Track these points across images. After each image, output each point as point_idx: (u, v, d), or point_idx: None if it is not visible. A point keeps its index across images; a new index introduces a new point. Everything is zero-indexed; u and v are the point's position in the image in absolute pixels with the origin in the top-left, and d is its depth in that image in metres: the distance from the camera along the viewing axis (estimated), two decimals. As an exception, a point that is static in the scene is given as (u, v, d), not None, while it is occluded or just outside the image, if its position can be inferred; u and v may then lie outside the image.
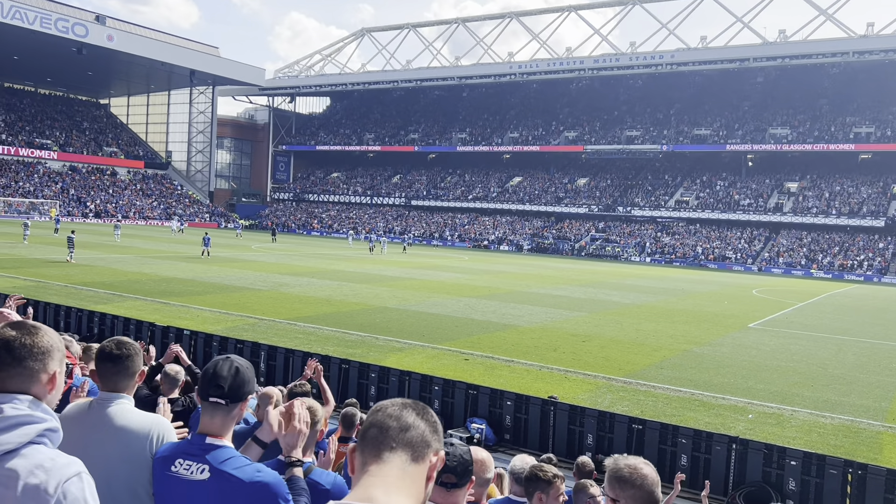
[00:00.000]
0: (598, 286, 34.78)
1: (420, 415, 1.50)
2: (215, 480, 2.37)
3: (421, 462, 1.44)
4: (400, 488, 1.38)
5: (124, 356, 2.83)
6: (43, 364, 1.90)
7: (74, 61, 74.87)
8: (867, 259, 57.65)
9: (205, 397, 2.49)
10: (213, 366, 2.52)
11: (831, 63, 69.85)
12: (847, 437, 11.49)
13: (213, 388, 2.47)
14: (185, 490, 2.40)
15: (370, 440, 1.45)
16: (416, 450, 1.44)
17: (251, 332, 16.51)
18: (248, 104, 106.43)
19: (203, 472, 2.38)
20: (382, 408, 1.51)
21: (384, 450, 1.42)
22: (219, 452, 2.43)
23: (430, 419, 1.51)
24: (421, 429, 1.47)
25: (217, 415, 2.48)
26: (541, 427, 10.59)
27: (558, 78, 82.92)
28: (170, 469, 2.44)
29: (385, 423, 1.46)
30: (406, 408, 1.50)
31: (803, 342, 20.72)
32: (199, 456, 2.42)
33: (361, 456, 1.45)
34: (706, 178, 73.96)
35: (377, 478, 1.39)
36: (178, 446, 2.52)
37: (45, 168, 78.15)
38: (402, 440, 1.44)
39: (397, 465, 1.41)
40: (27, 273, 25.52)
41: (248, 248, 48.19)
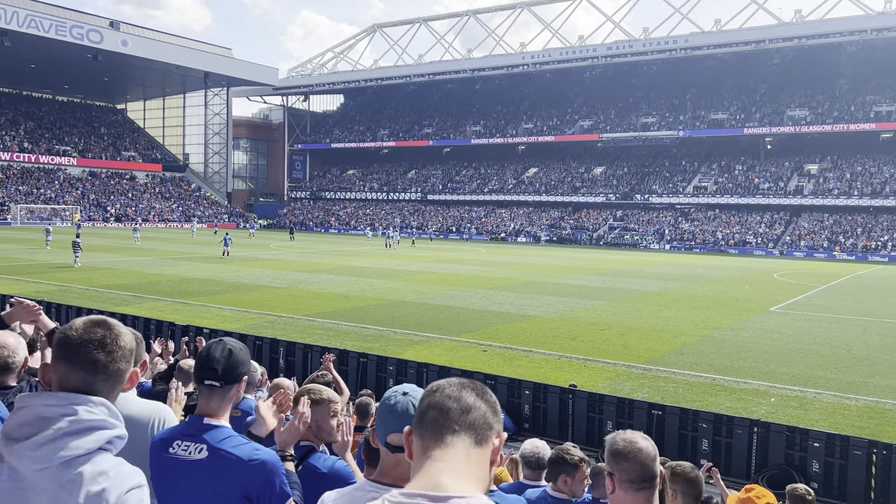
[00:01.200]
0: (616, 275, 34.58)
1: (479, 395, 1.42)
2: (213, 459, 2.39)
3: (484, 445, 1.37)
4: (467, 473, 1.31)
5: None
6: (129, 364, 1.87)
7: (90, 67, 75.68)
8: (891, 239, 56.77)
9: (200, 380, 2.51)
10: (207, 349, 2.55)
11: (849, 41, 68.74)
12: (872, 418, 11.33)
13: (207, 370, 2.49)
14: (183, 470, 2.42)
15: (430, 423, 1.37)
16: (479, 432, 1.36)
17: (270, 329, 16.61)
18: (262, 104, 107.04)
19: (201, 452, 2.40)
20: (439, 388, 1.42)
21: (447, 433, 1.34)
22: (216, 432, 2.45)
23: (489, 399, 1.43)
24: (482, 410, 1.39)
25: (213, 397, 2.51)
26: (559, 415, 10.56)
27: (571, 67, 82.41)
28: (168, 451, 2.47)
29: (445, 404, 1.38)
30: (465, 388, 1.42)
31: (826, 325, 20.46)
32: (196, 436, 2.45)
33: (421, 440, 1.37)
34: (724, 163, 73.19)
35: (442, 463, 1.31)
36: (175, 429, 2.55)
37: (66, 174, 79.19)
38: (464, 423, 1.36)
39: (461, 450, 1.33)
40: (50, 278, 25.88)
41: (266, 247, 48.50)
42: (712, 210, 68.01)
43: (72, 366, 1.78)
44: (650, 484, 2.09)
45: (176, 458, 2.43)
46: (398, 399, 1.89)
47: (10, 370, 2.95)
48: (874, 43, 68.03)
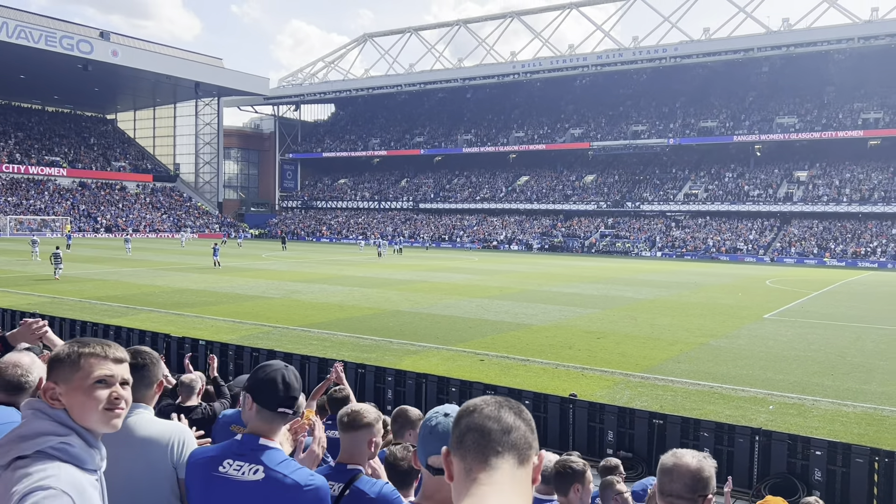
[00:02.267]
0: (610, 282, 34.64)
1: (518, 414, 1.41)
2: (270, 482, 2.35)
3: (526, 464, 1.36)
4: (513, 495, 1.30)
5: (140, 365, 2.78)
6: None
7: (80, 78, 75.41)
8: (880, 245, 57.18)
9: (273, 408, 2.47)
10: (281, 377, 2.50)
11: (837, 50, 69.41)
12: (871, 424, 11.36)
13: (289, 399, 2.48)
14: (234, 490, 2.37)
15: (472, 445, 1.35)
16: (521, 452, 1.36)
17: (266, 340, 16.52)
18: (253, 114, 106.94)
19: (256, 473, 2.37)
20: (477, 408, 1.41)
21: (490, 455, 1.33)
22: (273, 454, 2.42)
23: (526, 418, 1.42)
24: (522, 429, 1.39)
25: (277, 422, 2.49)
26: (560, 425, 10.52)
27: (562, 75, 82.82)
28: (217, 469, 2.41)
29: (486, 425, 1.37)
30: (503, 407, 1.41)
31: (820, 331, 20.54)
32: (250, 456, 2.40)
33: (463, 462, 1.35)
34: (714, 171, 73.61)
35: (489, 486, 1.30)
36: (225, 447, 2.49)
37: (56, 185, 78.75)
38: (507, 443, 1.35)
39: (507, 471, 1.33)
40: (41, 289, 25.67)
41: (258, 257, 48.32)
42: (703, 217, 68.34)
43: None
44: (681, 499, 2.08)
45: (227, 478, 2.38)
46: (439, 420, 1.86)
47: (24, 389, 2.89)
48: (861, 51, 68.74)
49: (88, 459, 1.86)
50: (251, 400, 2.50)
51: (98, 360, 1.95)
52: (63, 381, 1.92)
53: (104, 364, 1.96)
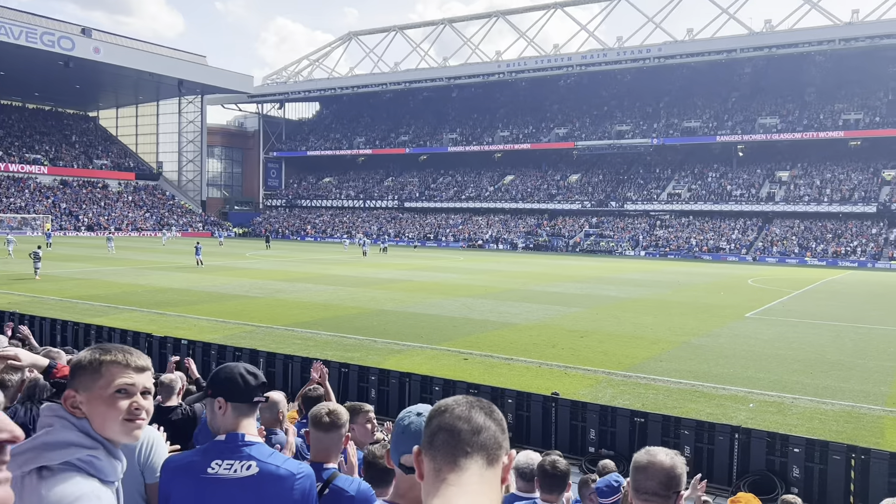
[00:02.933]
0: (593, 281, 34.81)
1: (488, 414, 1.42)
2: (265, 474, 2.39)
3: (496, 465, 1.37)
4: (480, 495, 1.31)
5: None
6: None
7: (62, 75, 74.61)
8: (860, 245, 57.88)
9: (249, 400, 2.53)
10: (244, 370, 2.57)
11: (818, 51, 70.15)
12: (848, 422, 11.51)
13: (261, 387, 2.55)
14: (229, 489, 2.38)
15: (441, 445, 1.36)
16: (491, 452, 1.37)
17: (249, 340, 16.46)
18: (237, 112, 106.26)
19: (250, 469, 2.39)
20: (448, 408, 1.42)
21: (459, 456, 1.34)
22: (261, 448, 2.46)
23: (497, 418, 1.43)
24: (492, 430, 1.39)
25: (252, 414, 2.56)
26: (543, 424, 10.58)
27: (547, 75, 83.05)
28: (206, 471, 2.41)
29: (456, 425, 1.38)
30: (474, 407, 1.42)
31: (801, 330, 20.77)
32: (239, 454, 2.43)
33: (433, 462, 1.36)
34: (697, 170, 74.15)
35: (457, 487, 1.31)
36: (206, 449, 2.49)
37: (36, 183, 77.88)
38: (476, 444, 1.36)
39: (475, 472, 1.33)
40: (21, 288, 25.40)
41: (242, 256, 48.08)
42: (686, 217, 68.83)
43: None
44: (656, 498, 2.11)
45: (219, 478, 2.38)
46: (412, 420, 1.88)
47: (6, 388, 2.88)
48: (841, 53, 69.48)
49: (111, 472, 1.84)
50: (224, 401, 2.51)
51: (120, 369, 1.90)
52: (84, 388, 1.87)
53: (126, 372, 1.91)
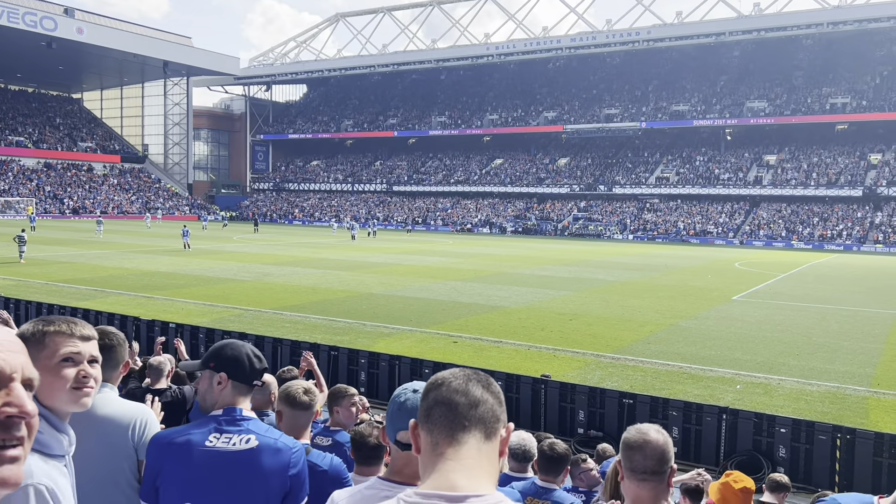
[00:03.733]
0: (582, 265, 34.91)
1: (486, 387, 1.39)
2: (264, 448, 2.43)
3: (494, 438, 1.36)
4: (479, 470, 1.30)
5: (107, 346, 2.76)
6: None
7: (44, 56, 73.47)
8: (846, 228, 58.33)
9: (249, 382, 2.58)
10: (245, 351, 2.60)
11: (806, 35, 70.26)
12: (833, 403, 11.64)
13: (262, 371, 2.62)
14: (227, 461, 2.41)
15: (439, 419, 1.34)
16: (489, 426, 1.35)
17: (237, 323, 16.40)
18: (223, 94, 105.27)
19: (249, 442, 2.42)
20: (445, 382, 1.39)
21: (457, 430, 1.32)
22: (258, 423, 2.52)
23: (494, 391, 1.40)
24: (490, 402, 1.37)
25: (249, 394, 2.60)
26: (532, 405, 10.63)
27: (536, 58, 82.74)
28: (204, 445, 2.43)
29: (453, 399, 1.35)
30: (471, 381, 1.39)
31: (787, 312, 20.94)
32: (238, 428, 2.47)
33: (430, 436, 1.35)
34: (685, 154, 74.30)
35: (455, 461, 1.30)
36: (203, 423, 2.50)
37: (19, 165, 76.92)
38: (473, 417, 1.34)
39: (473, 446, 1.32)
40: (5, 272, 25.16)
41: (229, 240, 47.83)
42: (674, 200, 69.04)
43: None
44: (653, 476, 2.10)
45: (218, 451, 2.41)
46: (408, 396, 1.86)
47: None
48: (830, 36, 69.65)
49: (55, 445, 1.77)
50: (227, 377, 2.53)
51: (64, 338, 1.89)
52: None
53: (70, 341, 1.90)
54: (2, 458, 1.09)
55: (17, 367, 1.12)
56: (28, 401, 1.13)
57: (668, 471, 2.12)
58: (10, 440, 1.10)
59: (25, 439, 1.14)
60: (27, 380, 1.14)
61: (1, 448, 1.09)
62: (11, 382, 1.10)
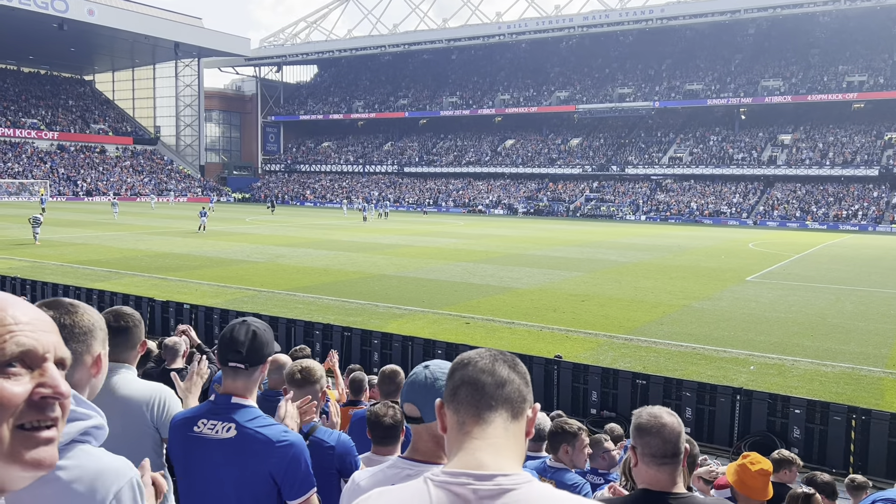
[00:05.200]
0: (594, 246, 34.80)
1: (512, 367, 1.40)
2: (242, 438, 2.39)
3: (520, 418, 1.36)
4: (506, 449, 1.30)
5: (123, 328, 2.78)
6: (86, 345, 1.71)
7: (56, 37, 73.55)
8: (862, 209, 57.74)
9: (224, 362, 2.50)
10: (230, 330, 2.51)
11: (822, 12, 69.11)
12: (848, 384, 11.59)
13: (232, 353, 2.47)
14: (210, 449, 2.41)
15: (465, 398, 1.35)
16: (515, 406, 1.35)
17: (251, 304, 16.50)
18: (234, 75, 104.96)
19: (229, 431, 2.40)
20: (471, 361, 1.39)
21: (483, 409, 1.33)
22: (245, 412, 2.45)
23: (520, 370, 1.41)
24: (516, 382, 1.37)
25: (239, 378, 2.49)
26: (545, 386, 10.64)
27: (548, 37, 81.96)
28: (192, 430, 2.45)
29: (480, 379, 1.35)
30: (497, 360, 1.39)
31: (801, 293, 20.81)
32: (224, 415, 2.44)
33: (457, 415, 1.35)
34: (699, 134, 73.61)
35: (482, 440, 1.30)
36: (200, 408, 2.53)
37: (33, 148, 77.34)
38: (500, 397, 1.34)
39: (500, 426, 1.32)
40: (22, 253, 25.38)
41: (242, 221, 48.00)
42: (687, 181, 68.52)
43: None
44: (672, 460, 2.09)
45: (202, 437, 2.42)
46: (417, 371, 1.90)
47: None
48: (847, 13, 68.49)
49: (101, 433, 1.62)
50: (217, 359, 2.54)
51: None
52: None
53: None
54: (38, 441, 1.07)
55: (49, 347, 1.10)
56: (62, 381, 1.11)
57: (683, 452, 2.11)
58: (44, 421, 1.08)
59: (60, 420, 1.12)
60: (60, 359, 1.12)
61: (36, 429, 1.07)
62: (45, 363, 1.09)
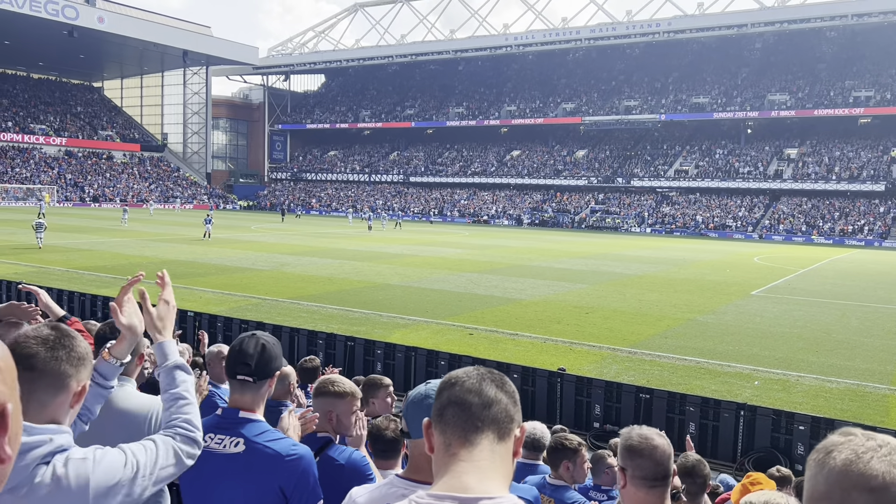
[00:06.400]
0: (599, 258, 34.76)
1: (500, 386, 1.38)
2: (250, 453, 2.38)
3: (507, 439, 1.34)
4: (492, 471, 1.29)
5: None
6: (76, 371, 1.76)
7: (66, 44, 74.14)
8: (868, 224, 57.57)
9: (232, 375, 2.50)
10: (239, 343, 2.52)
11: (830, 27, 69.19)
12: (853, 400, 11.52)
13: (240, 366, 2.47)
14: (218, 463, 2.40)
15: (452, 419, 1.33)
16: (502, 426, 1.34)
17: (255, 312, 16.50)
18: (242, 84, 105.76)
19: (237, 446, 2.39)
20: (459, 381, 1.38)
21: (470, 431, 1.31)
22: (253, 426, 2.45)
23: (509, 390, 1.40)
24: (504, 403, 1.36)
25: (247, 392, 2.49)
26: (548, 399, 10.61)
27: (555, 49, 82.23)
28: None
29: (466, 399, 1.34)
30: (485, 380, 1.38)
31: (806, 308, 20.73)
32: (232, 429, 2.43)
33: (443, 436, 1.34)
34: (705, 147, 73.61)
35: (468, 462, 1.29)
36: (207, 422, 2.51)
37: (41, 153, 77.78)
38: (486, 418, 1.32)
39: (486, 447, 1.31)
40: (28, 259, 25.48)
41: (247, 229, 48.11)
42: (693, 194, 68.47)
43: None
44: (663, 482, 2.08)
45: (210, 452, 2.40)
46: (419, 387, 1.93)
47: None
48: (854, 28, 68.53)
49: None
50: (225, 373, 2.54)
51: None
52: None
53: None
54: None
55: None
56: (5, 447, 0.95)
57: (673, 473, 2.10)
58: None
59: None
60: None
61: None
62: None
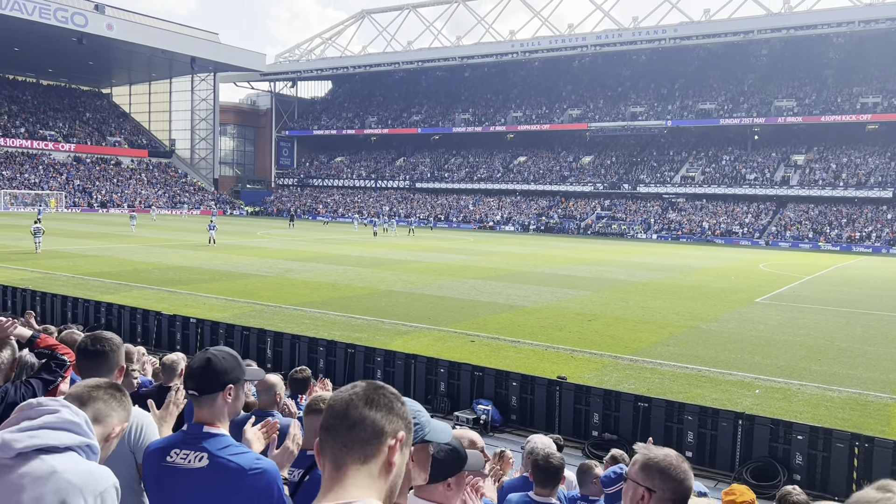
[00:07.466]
0: (604, 264, 34.71)
1: (369, 403, 1.43)
2: (214, 467, 2.39)
3: (376, 456, 1.40)
4: (358, 489, 1.37)
5: (99, 352, 2.82)
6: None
7: (75, 51, 74.70)
8: (875, 230, 57.29)
9: (186, 390, 2.57)
10: (192, 360, 2.54)
11: (836, 33, 69.03)
12: (855, 409, 11.47)
13: (186, 380, 2.54)
14: (183, 478, 2.42)
15: (322, 442, 1.42)
16: (368, 445, 1.40)
17: (257, 319, 16.56)
18: (249, 90, 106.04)
19: (202, 460, 2.40)
20: (329, 406, 1.45)
21: (336, 453, 1.40)
22: (216, 440, 2.45)
23: (379, 403, 1.43)
24: (369, 420, 1.41)
25: (202, 406, 2.50)
26: (547, 407, 10.61)
27: (561, 55, 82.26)
28: (165, 460, 2.46)
29: (330, 424, 1.42)
30: (351, 402, 1.43)
31: (811, 316, 20.65)
32: (196, 444, 2.44)
33: (323, 459, 1.43)
34: (712, 153, 73.45)
35: (334, 482, 1.38)
36: (173, 437, 2.55)
37: (50, 159, 78.28)
38: (351, 439, 1.39)
39: (351, 467, 1.39)
40: (34, 265, 25.65)
41: (253, 235, 48.27)
42: (699, 200, 68.28)
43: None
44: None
45: (175, 467, 2.42)
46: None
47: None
48: (861, 34, 68.32)
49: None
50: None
51: None
52: None
53: None
54: None
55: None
56: None
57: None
58: None
59: None
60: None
61: None
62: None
